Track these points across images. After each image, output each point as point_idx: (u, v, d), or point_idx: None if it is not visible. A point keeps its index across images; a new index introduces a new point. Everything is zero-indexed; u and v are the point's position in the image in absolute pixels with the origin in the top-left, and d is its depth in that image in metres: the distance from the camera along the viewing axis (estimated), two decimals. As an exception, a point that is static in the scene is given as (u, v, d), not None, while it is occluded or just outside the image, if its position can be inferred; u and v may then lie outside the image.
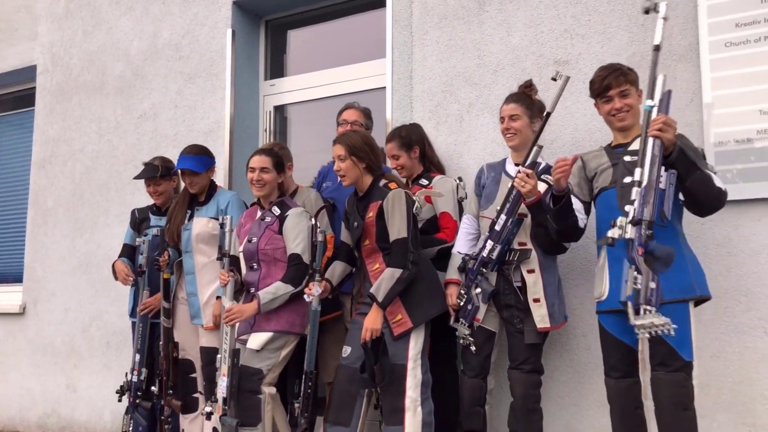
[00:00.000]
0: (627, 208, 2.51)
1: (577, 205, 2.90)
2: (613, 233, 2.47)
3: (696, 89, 3.32)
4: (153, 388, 3.86)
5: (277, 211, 3.45)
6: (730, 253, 3.19)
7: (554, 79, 3.00)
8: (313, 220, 3.38)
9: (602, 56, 3.58)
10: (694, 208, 2.76)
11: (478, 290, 3.13)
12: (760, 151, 3.15)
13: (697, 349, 3.09)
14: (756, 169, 3.15)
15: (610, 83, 2.83)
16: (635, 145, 2.81)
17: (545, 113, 3.07)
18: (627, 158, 2.82)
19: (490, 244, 3.10)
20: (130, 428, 3.92)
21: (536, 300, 3.07)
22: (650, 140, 2.56)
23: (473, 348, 3.15)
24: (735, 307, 3.17)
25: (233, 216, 3.64)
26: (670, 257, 2.43)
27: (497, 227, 3.09)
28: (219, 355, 3.32)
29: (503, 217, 3.07)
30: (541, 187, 3.13)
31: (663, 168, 2.55)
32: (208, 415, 3.28)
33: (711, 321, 3.20)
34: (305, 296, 3.23)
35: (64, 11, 5.72)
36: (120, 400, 4.00)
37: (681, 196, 2.75)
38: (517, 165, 3.19)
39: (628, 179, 2.77)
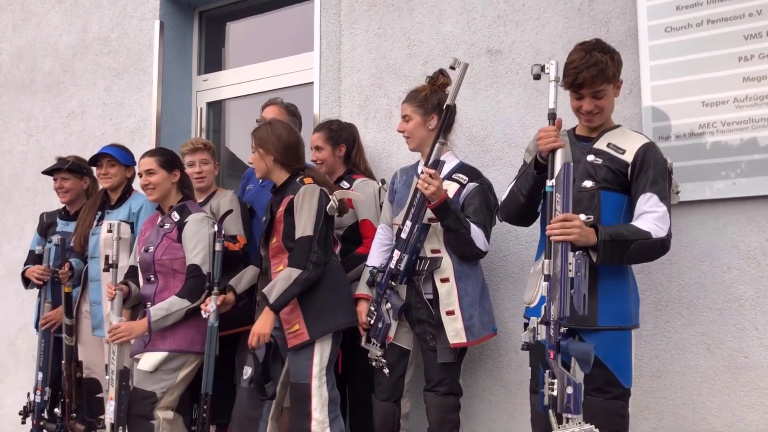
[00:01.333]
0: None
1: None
2: (526, 337, 2.20)
3: (635, 79, 3.00)
4: (56, 410, 3.55)
5: (176, 216, 3.14)
6: (671, 261, 2.86)
7: (452, 68, 2.70)
8: (215, 226, 3.07)
9: (537, 44, 3.26)
10: None
11: (388, 305, 2.82)
12: (703, 147, 2.83)
13: (635, 367, 2.79)
14: (698, 167, 2.83)
15: (584, 81, 2.35)
16: (602, 143, 2.47)
17: (444, 106, 2.75)
18: (590, 158, 2.45)
19: (397, 254, 2.79)
20: (34, 452, 3.62)
21: (450, 313, 2.74)
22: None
23: (386, 370, 2.84)
24: (676, 321, 2.85)
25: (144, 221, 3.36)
26: (587, 356, 2.13)
27: (403, 235, 2.78)
28: (107, 377, 3.01)
29: (408, 223, 2.76)
30: (452, 187, 2.82)
31: (571, 255, 2.17)
32: (97, 443, 2.98)
33: (650, 336, 2.88)
34: (202, 312, 2.92)
35: (-6, 4, 5.42)
36: (24, 422, 3.70)
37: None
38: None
39: (588, 183, 2.41)
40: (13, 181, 5.10)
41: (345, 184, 3.34)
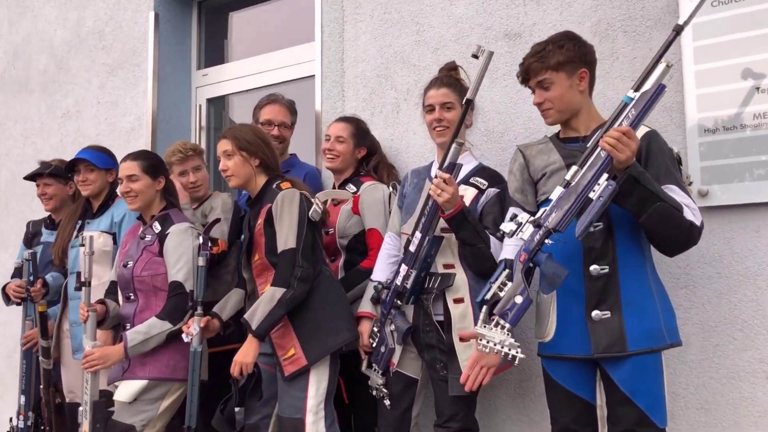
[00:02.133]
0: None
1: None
2: (507, 227, 2.02)
3: (675, 63, 2.58)
4: (38, 437, 3.28)
5: (157, 227, 2.82)
6: (720, 274, 2.46)
7: (475, 57, 2.30)
8: (201, 238, 2.73)
9: (561, 25, 2.86)
10: (656, 246, 2.10)
11: (392, 327, 2.47)
12: (757, 140, 2.41)
13: (679, 398, 2.42)
14: (751, 164, 2.41)
15: (525, 72, 2.21)
16: None
17: (464, 101, 2.37)
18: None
19: (404, 269, 2.43)
20: (18, 482, 3.35)
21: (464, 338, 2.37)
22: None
23: (387, 402, 2.49)
24: (728, 345, 2.44)
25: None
26: (556, 277, 1.90)
27: (412, 247, 2.41)
28: (80, 408, 2.71)
29: (418, 234, 2.39)
30: (469, 193, 2.45)
31: (605, 176, 1.90)
32: (71, 481, 2.69)
33: (697, 362, 2.48)
34: (183, 336, 2.60)
35: (-11, 0, 5.17)
36: (8, 449, 3.44)
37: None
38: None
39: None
40: (9, 186, 4.86)
41: (351, 187, 2.99)
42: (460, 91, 2.57)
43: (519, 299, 1.93)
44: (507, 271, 2.01)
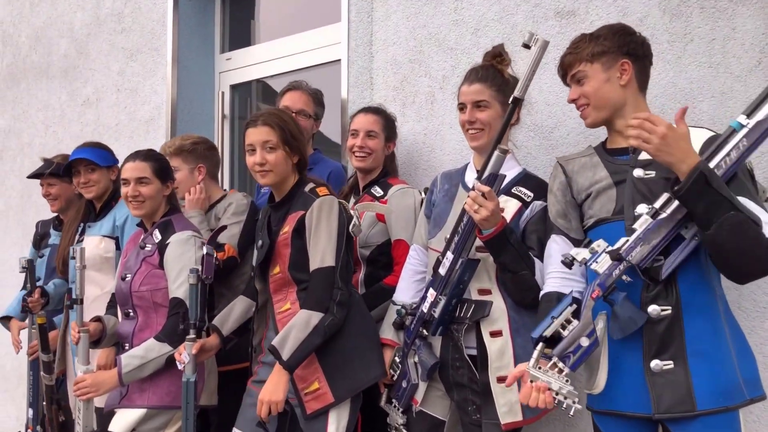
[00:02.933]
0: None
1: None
2: (580, 254, 1.73)
3: (764, 47, 2.14)
4: (47, 454, 3.05)
5: (158, 236, 2.51)
6: (817, 304, 2.03)
7: (527, 46, 1.89)
8: (205, 248, 2.41)
9: (623, 3, 2.42)
10: (724, 270, 1.69)
11: (416, 359, 2.12)
12: None
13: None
14: None
15: (561, 66, 1.96)
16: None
17: (511, 99, 1.97)
18: (638, 173, 1.79)
19: (432, 294, 2.07)
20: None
21: (502, 379, 2.00)
22: None
23: (407, 444, 2.15)
24: (825, 391, 2.01)
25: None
26: (632, 323, 1.68)
27: (442, 270, 2.04)
28: (74, 439, 2.45)
29: (450, 255, 2.02)
30: (511, 205, 2.07)
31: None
32: None
33: (786, 410, 2.06)
34: (177, 363, 2.30)
35: (11, -18, 4.96)
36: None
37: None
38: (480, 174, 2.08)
39: (642, 209, 1.71)
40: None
41: (377, 190, 2.63)
42: (498, 85, 2.16)
43: (585, 342, 1.70)
44: (573, 306, 1.72)
